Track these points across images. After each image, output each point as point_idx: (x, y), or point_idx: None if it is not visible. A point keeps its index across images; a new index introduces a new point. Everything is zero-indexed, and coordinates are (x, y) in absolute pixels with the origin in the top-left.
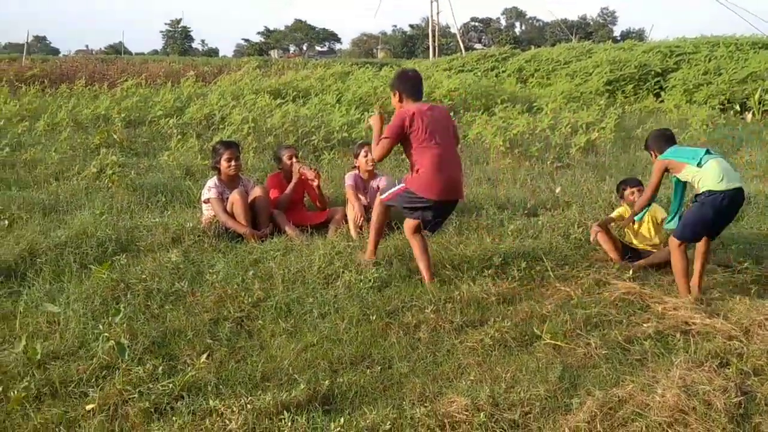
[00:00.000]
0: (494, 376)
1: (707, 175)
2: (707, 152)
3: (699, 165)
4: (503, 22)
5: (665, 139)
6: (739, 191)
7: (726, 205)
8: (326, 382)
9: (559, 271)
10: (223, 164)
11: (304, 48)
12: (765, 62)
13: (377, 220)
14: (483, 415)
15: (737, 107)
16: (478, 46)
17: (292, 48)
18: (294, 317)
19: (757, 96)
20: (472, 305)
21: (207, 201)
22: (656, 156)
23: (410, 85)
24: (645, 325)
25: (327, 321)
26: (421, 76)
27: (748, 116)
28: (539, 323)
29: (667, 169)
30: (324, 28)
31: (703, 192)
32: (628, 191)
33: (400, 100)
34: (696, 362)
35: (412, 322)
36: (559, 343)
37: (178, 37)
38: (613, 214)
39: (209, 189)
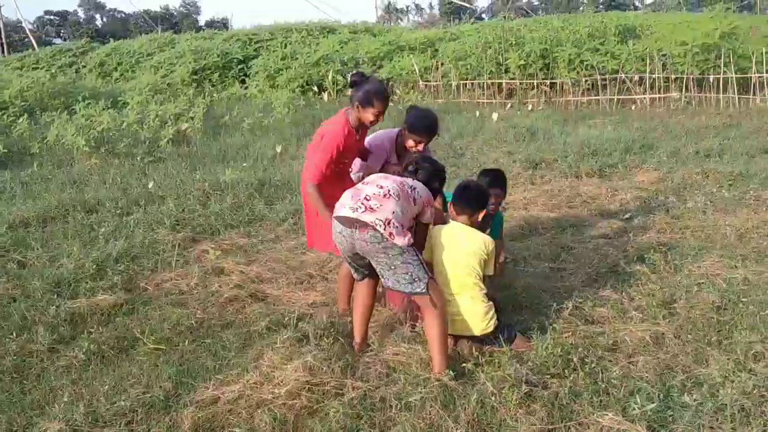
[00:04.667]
0: (92, 392)
1: None
2: None
3: None
4: (82, 15)
5: None
6: None
7: None
8: None
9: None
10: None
11: None
12: (333, 46)
13: None
14: None
15: (315, 88)
16: (57, 41)
17: None
18: None
19: (330, 77)
20: (65, 323)
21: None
22: None
23: None
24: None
25: None
26: None
27: (325, 96)
28: (141, 329)
29: None
30: None
31: None
32: None
33: None
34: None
35: None
36: (161, 347)
37: None
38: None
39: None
